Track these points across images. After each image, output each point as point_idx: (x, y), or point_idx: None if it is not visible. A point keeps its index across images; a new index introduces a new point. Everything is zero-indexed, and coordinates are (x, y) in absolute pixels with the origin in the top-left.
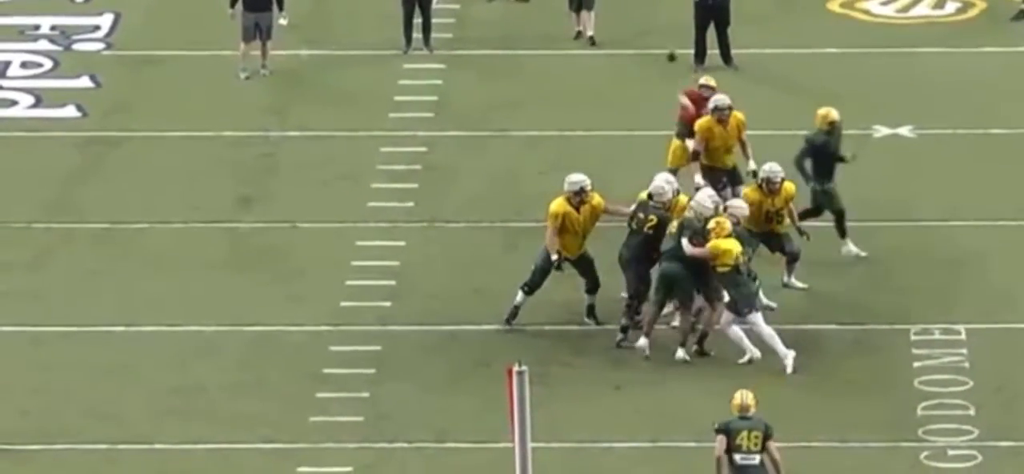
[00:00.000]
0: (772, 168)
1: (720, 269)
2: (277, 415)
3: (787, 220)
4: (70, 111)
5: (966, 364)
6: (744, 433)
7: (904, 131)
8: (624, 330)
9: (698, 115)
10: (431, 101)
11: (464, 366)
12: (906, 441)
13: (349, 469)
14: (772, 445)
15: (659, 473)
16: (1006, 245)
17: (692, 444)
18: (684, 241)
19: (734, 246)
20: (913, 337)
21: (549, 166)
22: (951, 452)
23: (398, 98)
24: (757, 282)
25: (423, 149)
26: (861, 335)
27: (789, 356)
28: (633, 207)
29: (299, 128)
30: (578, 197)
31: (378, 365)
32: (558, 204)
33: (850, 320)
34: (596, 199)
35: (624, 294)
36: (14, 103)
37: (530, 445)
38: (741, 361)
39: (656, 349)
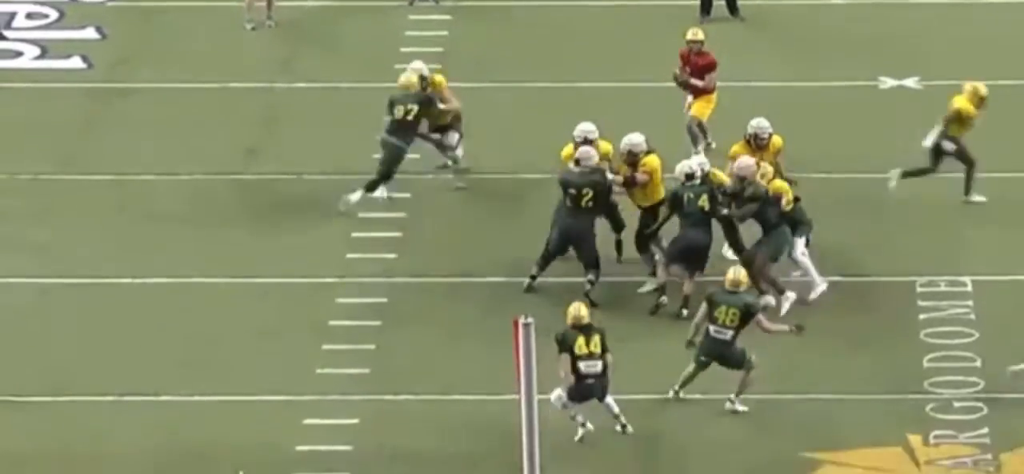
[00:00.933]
0: (760, 123)
1: (786, 206)
2: (283, 367)
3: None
4: (76, 62)
5: (972, 316)
6: (723, 308)
7: (910, 82)
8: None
9: (695, 69)
10: (437, 52)
11: (470, 318)
12: (912, 393)
13: (355, 421)
14: (760, 318)
15: (662, 424)
16: (1012, 197)
17: (697, 396)
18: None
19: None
20: (919, 289)
21: (557, 117)
22: (957, 404)
23: (404, 49)
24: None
25: None
26: (867, 287)
27: (821, 286)
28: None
29: (305, 79)
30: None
31: (384, 317)
32: (568, 150)
33: (856, 272)
34: (604, 146)
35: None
36: (19, 54)
37: (536, 397)
38: (813, 296)
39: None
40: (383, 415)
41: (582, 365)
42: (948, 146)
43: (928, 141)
